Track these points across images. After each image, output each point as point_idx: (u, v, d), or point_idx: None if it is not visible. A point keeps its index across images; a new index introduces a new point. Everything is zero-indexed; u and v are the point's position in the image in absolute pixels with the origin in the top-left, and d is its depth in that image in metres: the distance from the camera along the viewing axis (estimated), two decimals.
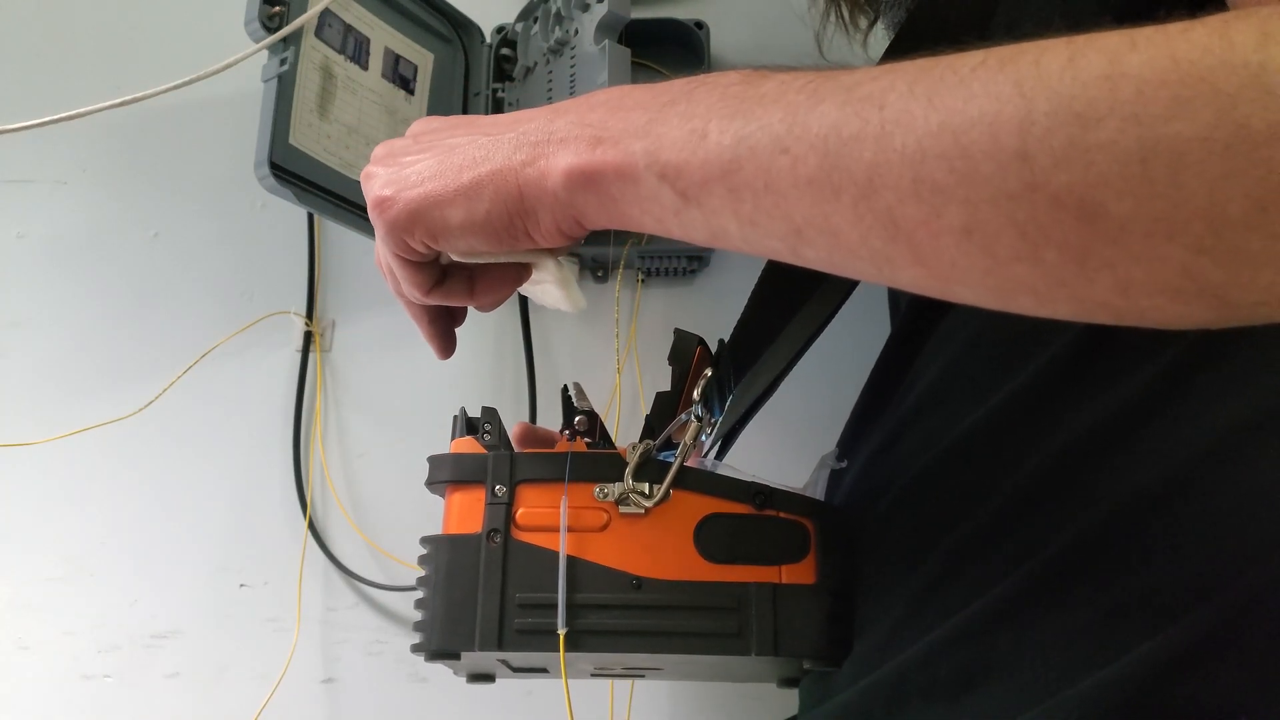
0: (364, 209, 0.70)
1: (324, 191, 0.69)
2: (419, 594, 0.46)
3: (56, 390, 0.79)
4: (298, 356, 0.78)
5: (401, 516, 0.74)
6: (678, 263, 0.76)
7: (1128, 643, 0.35)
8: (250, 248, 0.82)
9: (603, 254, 0.76)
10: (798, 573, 0.44)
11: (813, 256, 0.32)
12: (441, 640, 0.44)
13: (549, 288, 0.45)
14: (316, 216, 0.81)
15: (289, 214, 0.80)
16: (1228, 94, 0.24)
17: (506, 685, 0.70)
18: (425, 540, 0.47)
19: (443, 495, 0.48)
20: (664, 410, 0.48)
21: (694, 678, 0.63)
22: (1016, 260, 0.27)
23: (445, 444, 0.49)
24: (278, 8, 0.66)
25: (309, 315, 0.79)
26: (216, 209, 0.83)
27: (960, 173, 0.27)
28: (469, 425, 0.49)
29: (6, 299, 0.83)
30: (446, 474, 0.47)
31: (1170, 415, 0.37)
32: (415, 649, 0.45)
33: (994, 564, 0.39)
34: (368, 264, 0.81)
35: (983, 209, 0.27)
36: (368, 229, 0.71)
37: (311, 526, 0.74)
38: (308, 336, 0.79)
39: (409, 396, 0.78)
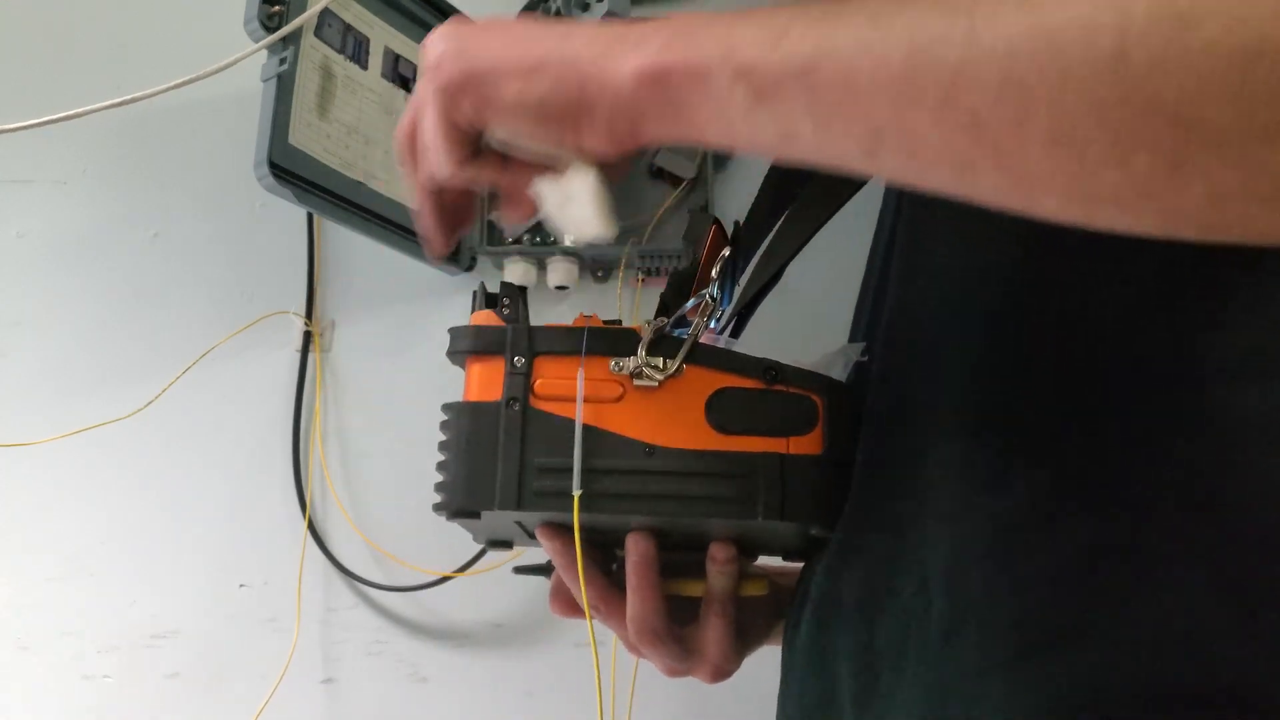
0: (363, 209, 0.71)
1: (324, 191, 0.69)
2: (440, 457, 0.47)
3: (56, 390, 0.79)
4: (297, 356, 0.78)
5: (401, 516, 0.74)
6: (678, 263, 0.76)
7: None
8: (250, 248, 0.82)
9: (603, 254, 0.76)
10: (805, 444, 0.46)
11: (890, 162, 0.31)
12: (464, 500, 0.45)
13: (580, 205, 0.41)
14: (316, 216, 0.81)
15: (289, 214, 0.80)
16: None
17: (507, 686, 0.70)
18: (446, 407, 0.48)
19: (462, 366, 0.49)
20: (679, 288, 0.50)
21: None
22: (1105, 166, 0.26)
23: None
24: (277, 7, 0.66)
25: (309, 315, 0.79)
26: (216, 209, 0.83)
27: (1052, 73, 0.26)
28: (488, 299, 0.50)
29: (6, 299, 0.83)
30: (467, 344, 0.48)
31: (1178, 416, 0.37)
32: (436, 508, 0.46)
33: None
34: (368, 264, 0.81)
35: (1073, 112, 0.26)
36: (367, 229, 0.71)
37: (311, 526, 0.74)
38: (307, 336, 0.79)
39: (409, 396, 0.77)
